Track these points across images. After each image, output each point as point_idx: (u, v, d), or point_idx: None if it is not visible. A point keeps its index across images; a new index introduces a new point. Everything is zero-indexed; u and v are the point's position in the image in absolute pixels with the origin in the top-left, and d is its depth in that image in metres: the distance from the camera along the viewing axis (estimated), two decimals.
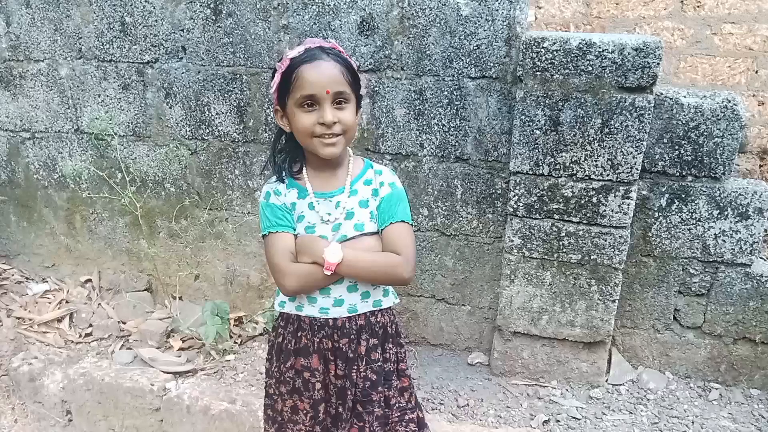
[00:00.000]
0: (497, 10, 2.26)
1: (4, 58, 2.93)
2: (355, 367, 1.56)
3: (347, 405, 1.58)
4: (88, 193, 2.99)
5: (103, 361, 2.60)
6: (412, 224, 1.58)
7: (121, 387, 2.40)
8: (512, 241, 2.44)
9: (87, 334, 3.00)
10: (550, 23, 3.32)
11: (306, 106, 1.43)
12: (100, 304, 3.16)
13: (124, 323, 3.03)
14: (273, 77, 1.48)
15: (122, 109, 2.86)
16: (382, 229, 1.54)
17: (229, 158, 2.79)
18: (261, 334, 2.96)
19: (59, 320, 3.04)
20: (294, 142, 1.54)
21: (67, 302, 3.16)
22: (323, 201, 1.54)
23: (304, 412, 1.61)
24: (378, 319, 1.60)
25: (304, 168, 1.57)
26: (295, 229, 1.54)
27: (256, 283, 3.01)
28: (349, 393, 1.57)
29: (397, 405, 1.64)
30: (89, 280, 3.28)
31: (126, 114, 2.87)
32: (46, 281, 3.31)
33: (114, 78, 2.81)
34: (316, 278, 1.49)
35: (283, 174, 1.57)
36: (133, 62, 2.75)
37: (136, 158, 2.93)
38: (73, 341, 2.96)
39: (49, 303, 3.14)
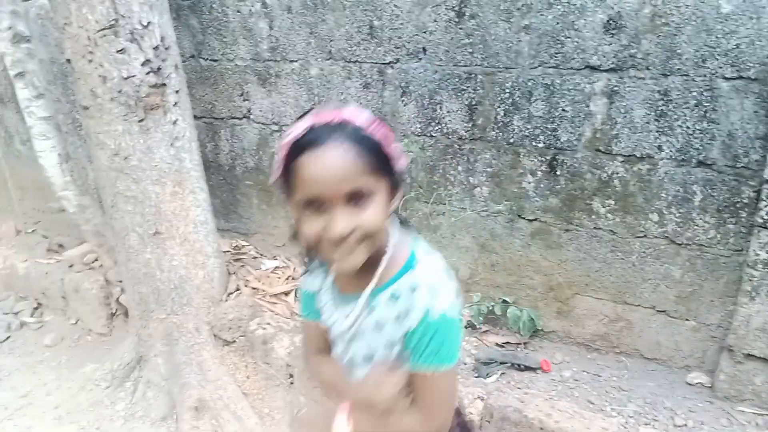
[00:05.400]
0: (764, 7, 2.13)
1: (264, 58, 3.36)
2: None
3: None
4: None
5: None
6: (454, 366, 1.15)
7: None
8: (758, 254, 2.27)
9: None
10: None
11: (310, 209, 1.05)
12: None
13: None
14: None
15: (361, 107, 3.11)
16: (412, 370, 1.16)
17: (454, 155, 2.92)
18: (466, 327, 3.04)
19: (286, 294, 3.38)
20: None
21: (293, 279, 3.50)
22: (341, 303, 1.25)
23: None
24: None
25: None
26: (320, 318, 1.34)
27: (464, 277, 3.09)
28: None
29: None
30: None
31: None
32: (277, 258, 3.70)
33: (357, 77, 3.08)
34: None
35: (309, 264, 1.34)
36: (375, 63, 3.00)
37: None
38: (297, 313, 3.27)
39: (279, 278, 3.51)
